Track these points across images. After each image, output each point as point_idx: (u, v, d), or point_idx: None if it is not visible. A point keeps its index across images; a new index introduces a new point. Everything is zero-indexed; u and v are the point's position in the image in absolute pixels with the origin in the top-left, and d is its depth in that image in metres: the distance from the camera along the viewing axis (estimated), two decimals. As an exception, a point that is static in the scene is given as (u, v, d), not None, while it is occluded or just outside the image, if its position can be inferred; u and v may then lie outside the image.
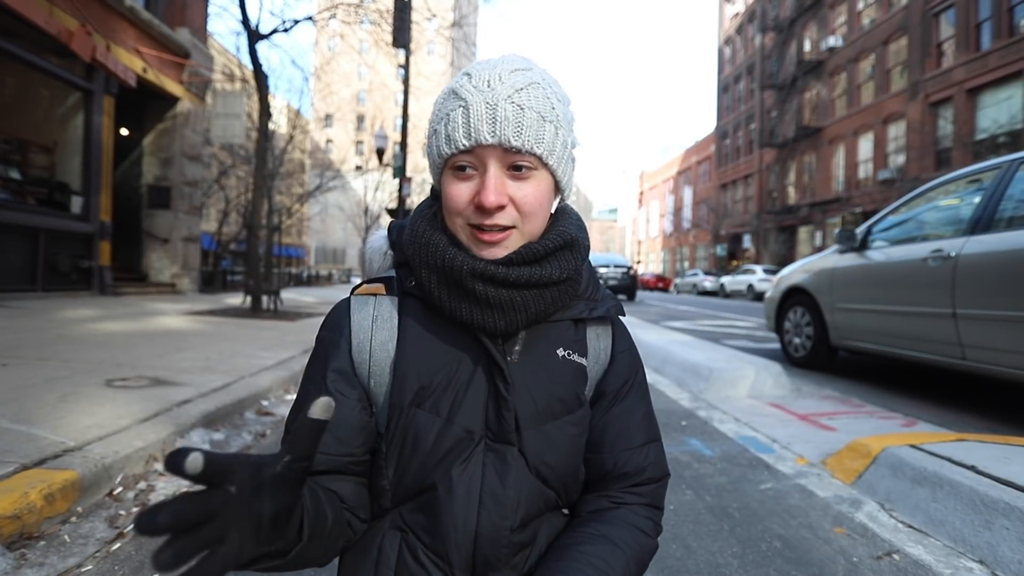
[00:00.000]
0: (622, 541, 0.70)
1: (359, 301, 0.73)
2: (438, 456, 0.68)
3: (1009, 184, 3.26)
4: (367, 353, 0.70)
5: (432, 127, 0.68)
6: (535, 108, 0.64)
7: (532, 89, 0.65)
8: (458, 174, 0.66)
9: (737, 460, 2.42)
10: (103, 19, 8.20)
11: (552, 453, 0.71)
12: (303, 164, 32.29)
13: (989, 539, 1.61)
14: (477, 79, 0.64)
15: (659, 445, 0.82)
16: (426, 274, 0.69)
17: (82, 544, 1.52)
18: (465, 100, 0.64)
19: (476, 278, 0.65)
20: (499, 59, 0.67)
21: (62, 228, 7.87)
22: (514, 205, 0.65)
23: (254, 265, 8.30)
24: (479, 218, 0.65)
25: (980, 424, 3.16)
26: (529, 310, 0.68)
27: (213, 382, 3.04)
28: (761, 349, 6.05)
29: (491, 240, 0.66)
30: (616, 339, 0.81)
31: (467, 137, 0.63)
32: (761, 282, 20.77)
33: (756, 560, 1.57)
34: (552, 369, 0.73)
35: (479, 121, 0.62)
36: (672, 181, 49.58)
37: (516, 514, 0.69)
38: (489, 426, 0.69)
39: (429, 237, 0.69)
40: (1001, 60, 16.91)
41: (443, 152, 0.65)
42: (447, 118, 0.65)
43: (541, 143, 0.64)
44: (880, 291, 3.99)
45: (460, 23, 11.69)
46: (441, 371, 0.69)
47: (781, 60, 29.92)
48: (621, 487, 0.77)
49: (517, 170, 0.65)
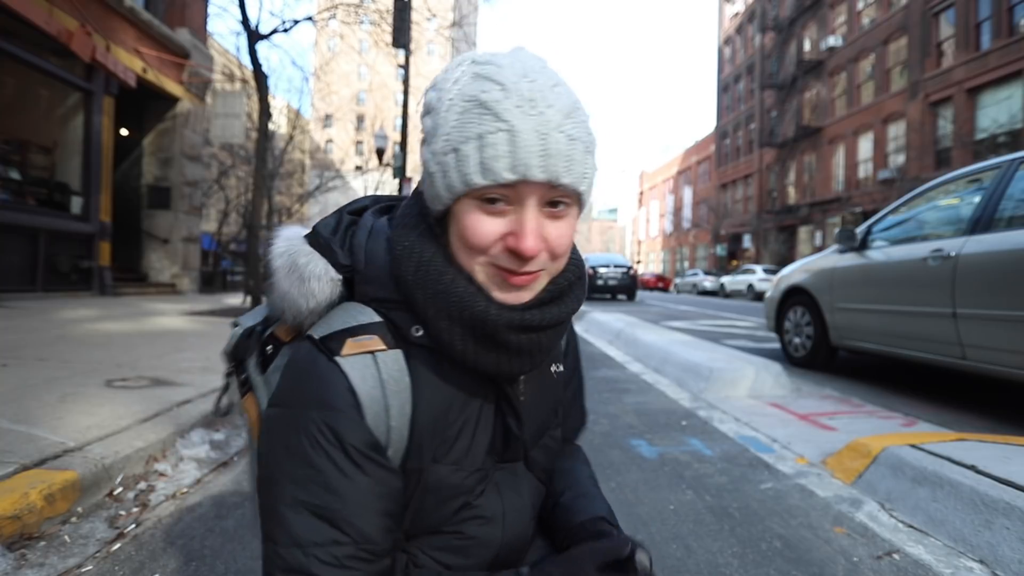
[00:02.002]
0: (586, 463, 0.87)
1: (356, 365, 0.57)
2: (458, 500, 0.64)
3: (1009, 184, 3.26)
4: (384, 424, 0.58)
5: (450, 144, 0.55)
6: (582, 139, 0.55)
7: (577, 114, 0.56)
8: (486, 207, 0.55)
9: (737, 460, 2.42)
10: (103, 19, 8.20)
11: (548, 459, 0.77)
12: (303, 164, 32.29)
13: (989, 539, 1.61)
14: (516, 95, 0.53)
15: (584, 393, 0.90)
16: (446, 325, 0.58)
17: (82, 544, 1.52)
18: (509, 123, 0.52)
19: (511, 330, 0.59)
20: (520, 62, 0.56)
21: (62, 228, 7.87)
22: (546, 246, 0.57)
23: (254, 265, 8.29)
24: (510, 263, 0.56)
25: (980, 424, 3.16)
26: (553, 347, 0.67)
27: (213, 382, 3.04)
28: (761, 349, 6.05)
29: (520, 284, 0.58)
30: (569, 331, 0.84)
31: (511, 170, 0.52)
32: (761, 282, 20.76)
33: (756, 560, 1.57)
34: (549, 388, 0.75)
35: (528, 154, 0.52)
36: (672, 181, 49.57)
37: (532, 514, 0.74)
38: (495, 451, 0.68)
39: (449, 284, 0.58)
40: (1001, 60, 16.91)
41: (471, 181, 0.53)
42: (480, 141, 0.53)
43: (585, 179, 0.56)
44: (880, 291, 3.99)
45: (460, 23, 11.70)
46: (455, 423, 0.63)
47: (781, 60, 29.92)
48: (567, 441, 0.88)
49: (554, 207, 0.56)
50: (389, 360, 0.59)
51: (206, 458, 2.21)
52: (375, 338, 0.59)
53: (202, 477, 2.05)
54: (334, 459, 0.54)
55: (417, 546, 0.65)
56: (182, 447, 2.22)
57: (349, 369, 0.57)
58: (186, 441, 2.26)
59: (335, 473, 0.54)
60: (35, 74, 7.70)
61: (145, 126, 10.38)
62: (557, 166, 0.53)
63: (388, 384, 0.58)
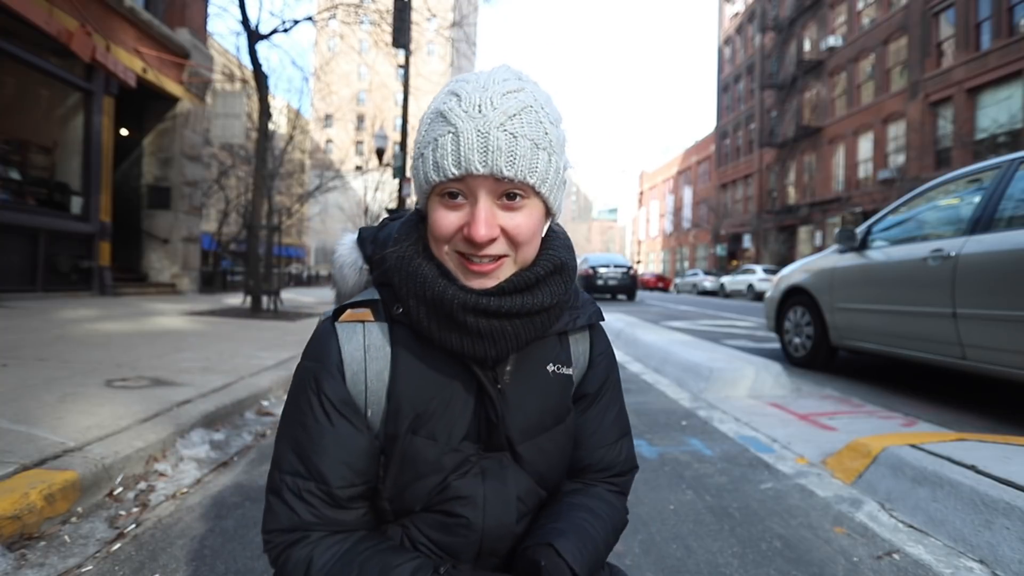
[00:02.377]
0: (600, 510, 0.75)
1: (347, 330, 0.69)
2: (438, 478, 0.69)
3: (1009, 184, 3.25)
4: (363, 384, 0.68)
5: (419, 150, 0.65)
6: (528, 136, 0.61)
7: (525, 114, 0.62)
8: (446, 201, 0.63)
9: (737, 460, 2.42)
10: (103, 19, 8.20)
11: (545, 462, 0.75)
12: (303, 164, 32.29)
13: (989, 539, 1.61)
14: (467, 102, 0.61)
15: (630, 439, 0.85)
16: (414, 304, 0.67)
17: (82, 544, 1.51)
18: (455, 126, 0.60)
19: (467, 311, 0.64)
20: (488, 76, 0.64)
21: (62, 228, 7.87)
22: (506, 235, 0.63)
23: (254, 265, 8.29)
24: (468, 249, 0.63)
25: (980, 424, 3.16)
26: (520, 337, 0.68)
27: (213, 382, 3.04)
28: (761, 349, 6.05)
29: (481, 271, 0.64)
30: (594, 343, 0.83)
31: (456, 166, 0.60)
32: (761, 282, 20.77)
33: (756, 560, 1.57)
34: (543, 386, 0.75)
35: (469, 150, 0.59)
36: (672, 181, 49.57)
37: (518, 509, 0.72)
38: (480, 440, 0.72)
39: (417, 267, 0.66)
40: (1001, 60, 16.91)
41: (430, 179, 0.63)
42: (435, 143, 0.62)
43: (534, 172, 0.62)
44: (880, 291, 3.99)
45: (460, 23, 11.68)
46: (435, 398, 0.69)
47: (781, 60, 29.92)
48: (596, 478, 0.81)
49: (510, 199, 0.63)
50: (375, 330, 0.70)
51: (206, 458, 2.21)
52: (367, 311, 0.70)
53: (202, 477, 2.05)
54: (312, 405, 0.66)
55: (411, 522, 0.71)
56: (182, 447, 2.22)
57: (340, 332, 0.69)
58: (186, 441, 2.26)
59: (311, 417, 0.66)
60: (35, 74, 7.71)
61: (145, 126, 10.38)
62: (498, 160, 0.60)
63: (369, 350, 0.69)
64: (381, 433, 0.69)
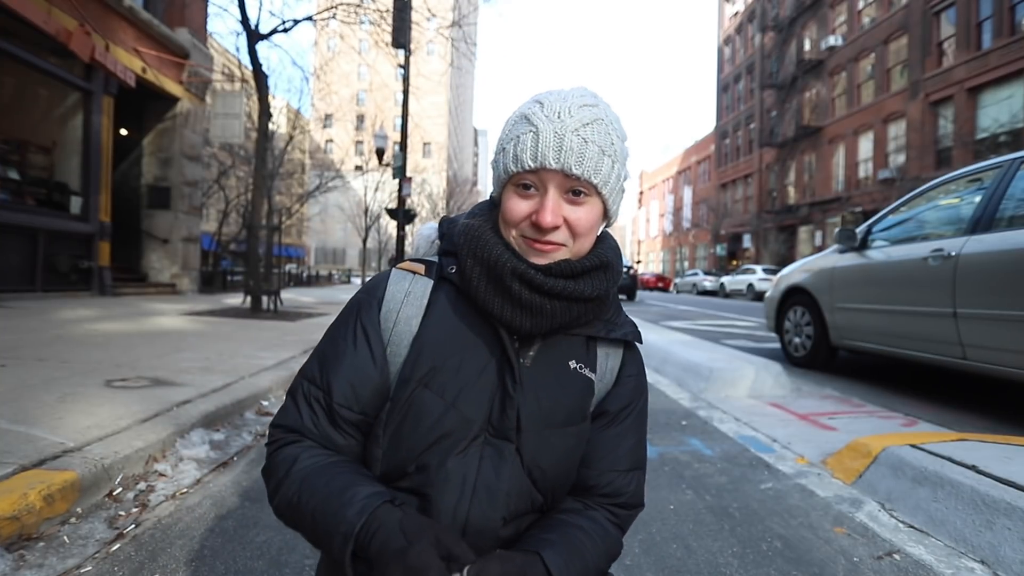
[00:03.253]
0: (595, 532, 0.75)
1: (398, 274, 0.79)
2: (433, 437, 0.71)
3: (1010, 183, 3.25)
4: (392, 322, 0.76)
5: (501, 145, 0.74)
6: (598, 143, 0.70)
7: (597, 125, 0.71)
8: (520, 191, 0.72)
9: (737, 460, 2.42)
10: (102, 19, 8.19)
11: (547, 458, 0.75)
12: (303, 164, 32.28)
13: (990, 539, 1.61)
14: (548, 109, 0.70)
15: (642, 475, 0.84)
16: (471, 264, 0.74)
17: (81, 545, 1.51)
18: (536, 127, 0.70)
19: (516, 278, 0.71)
20: (570, 91, 0.73)
21: (61, 228, 7.87)
22: (567, 226, 0.72)
23: (254, 265, 8.29)
24: (534, 233, 0.72)
25: (981, 424, 3.15)
26: (556, 318, 0.73)
27: (213, 382, 3.04)
28: (761, 349, 6.05)
29: (541, 249, 0.72)
30: (626, 363, 0.85)
31: (533, 159, 0.69)
32: (761, 282, 20.76)
33: (756, 560, 1.56)
34: (562, 378, 0.77)
35: (547, 148, 0.68)
36: (672, 181, 49.54)
37: (507, 507, 0.72)
38: (492, 421, 0.73)
39: (483, 233, 0.75)
40: (1002, 59, 16.90)
41: (509, 169, 0.72)
42: (517, 140, 0.71)
43: (599, 174, 0.70)
44: (880, 291, 3.99)
45: (460, 23, 11.67)
46: (454, 356, 0.73)
47: (781, 59, 29.90)
48: (599, 502, 0.80)
49: (575, 195, 0.71)
50: (420, 283, 0.79)
51: (206, 458, 2.21)
52: (421, 266, 0.81)
53: (202, 477, 2.05)
54: (348, 327, 0.77)
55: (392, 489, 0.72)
56: (182, 447, 2.21)
57: (393, 275, 0.80)
58: (186, 441, 2.26)
59: (342, 337, 0.76)
60: (34, 74, 7.70)
61: (145, 126, 10.37)
62: (570, 159, 0.69)
63: (409, 295, 0.77)
64: (396, 375, 0.74)
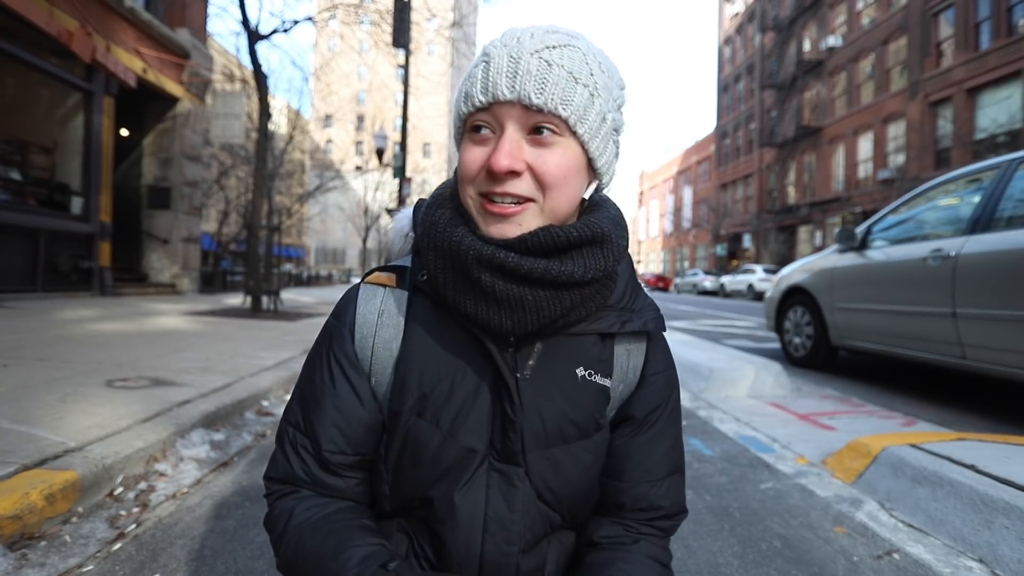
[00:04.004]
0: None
1: (367, 291, 0.68)
2: (438, 472, 0.63)
3: (1009, 184, 3.26)
4: (369, 349, 0.65)
5: (458, 89, 0.61)
6: (566, 67, 0.55)
7: (567, 49, 0.56)
8: (473, 136, 0.58)
9: (737, 460, 2.42)
10: (103, 20, 8.20)
11: (558, 479, 0.65)
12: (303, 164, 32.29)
13: (989, 538, 1.61)
14: (508, 36, 0.58)
15: (681, 477, 0.73)
16: (433, 257, 0.62)
17: (83, 544, 1.52)
18: (488, 55, 0.57)
19: (483, 266, 0.57)
20: (537, 25, 0.60)
21: (62, 229, 7.87)
22: (532, 174, 0.56)
23: (254, 265, 8.29)
24: (489, 185, 0.57)
25: (980, 423, 3.16)
26: (543, 312, 0.59)
27: (213, 382, 3.04)
28: (761, 349, 6.05)
29: (501, 212, 0.57)
30: (650, 358, 0.71)
31: (484, 92, 0.55)
32: (761, 282, 20.77)
33: (756, 560, 1.57)
34: (568, 390, 0.65)
35: (498, 75, 0.55)
36: (672, 181, 49.55)
37: (523, 538, 0.64)
38: (494, 445, 0.64)
39: (439, 215, 0.63)
40: (1000, 60, 16.90)
41: (461, 112, 0.59)
42: (470, 76, 0.58)
43: (568, 105, 0.55)
44: (880, 291, 3.99)
45: (460, 23, 11.68)
46: (444, 380, 0.63)
47: (781, 60, 29.91)
48: (637, 519, 0.70)
49: (538, 133, 0.56)
50: (393, 296, 0.68)
51: (206, 458, 2.21)
52: (391, 276, 0.69)
53: (202, 477, 2.05)
54: (323, 361, 0.67)
55: (411, 528, 0.67)
56: (182, 447, 2.22)
57: (361, 292, 0.69)
58: (186, 441, 2.26)
59: (319, 373, 0.67)
60: (35, 74, 7.70)
61: (145, 126, 10.37)
62: (527, 86, 0.54)
63: (383, 315, 0.66)
64: (385, 407, 0.66)
